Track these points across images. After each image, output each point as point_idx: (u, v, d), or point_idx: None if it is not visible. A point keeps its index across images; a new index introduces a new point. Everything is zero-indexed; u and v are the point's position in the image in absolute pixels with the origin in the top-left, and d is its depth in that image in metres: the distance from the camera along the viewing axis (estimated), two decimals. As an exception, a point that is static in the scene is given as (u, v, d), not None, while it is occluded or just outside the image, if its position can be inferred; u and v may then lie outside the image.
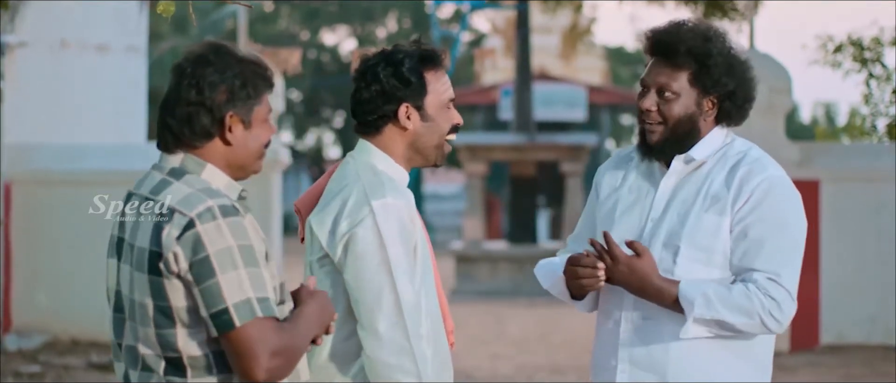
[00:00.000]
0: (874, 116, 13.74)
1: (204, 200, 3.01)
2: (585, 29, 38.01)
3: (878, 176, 12.16)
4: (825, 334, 12.14)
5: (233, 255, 2.97)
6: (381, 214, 3.52)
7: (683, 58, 3.76)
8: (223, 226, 2.98)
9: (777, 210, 3.77)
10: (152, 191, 3.09)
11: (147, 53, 17.49)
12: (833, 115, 49.00)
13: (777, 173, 3.80)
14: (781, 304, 3.73)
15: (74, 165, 12.62)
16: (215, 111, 3.11)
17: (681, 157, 3.80)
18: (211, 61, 3.12)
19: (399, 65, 3.67)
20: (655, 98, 3.78)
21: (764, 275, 3.71)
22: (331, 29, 42.28)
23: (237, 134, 3.13)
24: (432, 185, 46.17)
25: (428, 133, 3.70)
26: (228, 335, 2.95)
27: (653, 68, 3.81)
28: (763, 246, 3.73)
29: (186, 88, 3.11)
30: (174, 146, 3.13)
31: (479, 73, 40.64)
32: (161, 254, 2.99)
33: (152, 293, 3.02)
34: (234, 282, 2.95)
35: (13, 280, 12.44)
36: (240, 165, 3.17)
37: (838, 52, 13.31)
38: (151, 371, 3.05)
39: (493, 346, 13.48)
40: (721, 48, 3.78)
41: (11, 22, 13.65)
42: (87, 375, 11.01)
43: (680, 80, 3.77)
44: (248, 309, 2.95)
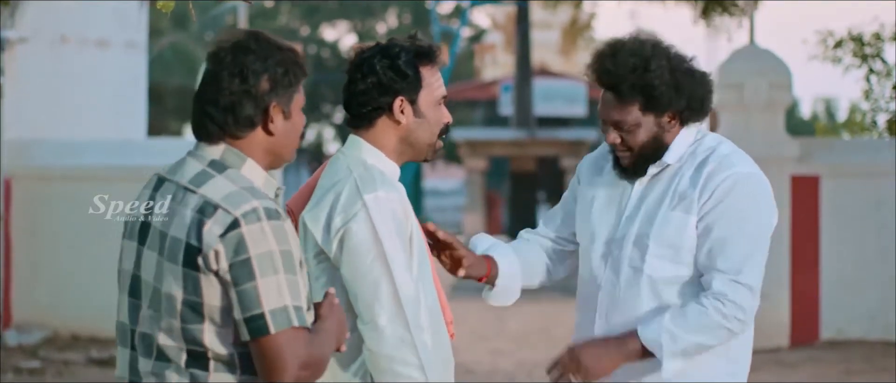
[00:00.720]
0: (874, 112, 13.73)
1: (249, 200, 2.96)
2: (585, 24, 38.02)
3: (879, 171, 12.15)
4: (825, 330, 12.14)
5: (274, 260, 2.92)
6: (374, 207, 3.52)
7: (628, 93, 3.77)
8: (267, 229, 2.93)
9: (738, 206, 3.76)
10: (192, 182, 3.02)
11: (147, 49, 17.49)
12: (833, 111, 49.02)
13: (743, 170, 3.80)
14: (742, 304, 3.74)
15: (74, 161, 12.62)
16: (259, 100, 3.06)
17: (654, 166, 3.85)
18: (252, 49, 3.07)
19: (396, 58, 3.67)
20: (616, 133, 3.82)
21: (724, 278, 3.73)
22: (331, 25, 42.29)
23: (278, 123, 3.10)
24: (432, 181, 46.17)
25: (419, 128, 3.70)
26: (260, 340, 2.91)
27: (604, 105, 3.84)
28: (725, 244, 3.75)
29: (228, 77, 3.04)
30: (216, 136, 3.06)
31: (480, 68, 40.67)
32: (200, 249, 2.94)
33: (185, 286, 2.97)
34: (273, 287, 2.91)
35: (13, 275, 12.44)
36: (278, 154, 3.13)
37: (839, 48, 13.31)
38: (169, 361, 3.01)
39: (493, 342, 13.48)
40: (662, 72, 3.76)
41: (11, 17, 13.64)
42: (87, 371, 11.01)
43: (632, 112, 3.80)
44: (284, 317, 2.91)
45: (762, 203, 3.80)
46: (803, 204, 12.11)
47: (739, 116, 12.23)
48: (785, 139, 12.26)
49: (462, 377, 11.17)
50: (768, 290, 12.05)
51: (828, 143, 13.07)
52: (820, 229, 12.11)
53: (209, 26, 35.53)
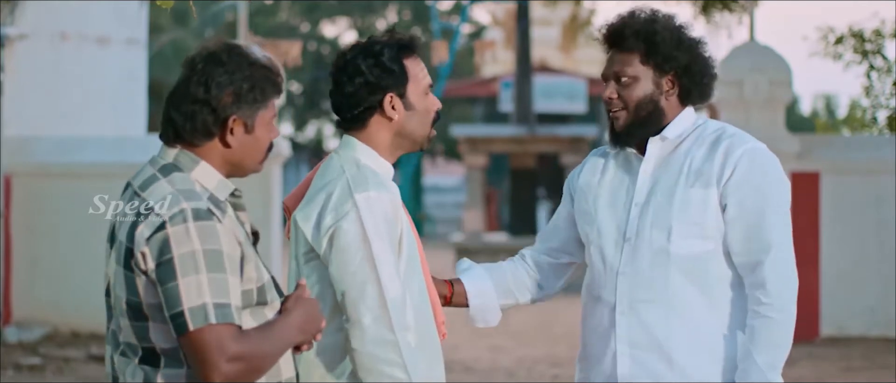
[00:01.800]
0: (875, 108, 13.74)
1: (179, 202, 3.03)
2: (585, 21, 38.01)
3: (879, 168, 12.16)
4: (825, 326, 12.15)
5: (196, 259, 2.99)
6: (365, 208, 3.53)
7: (631, 40, 3.82)
8: (192, 230, 3.00)
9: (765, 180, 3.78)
10: (140, 187, 3.12)
11: (147, 46, 17.49)
12: (833, 107, 49.03)
13: (758, 145, 3.83)
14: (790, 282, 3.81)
15: (74, 158, 12.62)
16: (219, 112, 3.11)
17: (656, 139, 3.84)
18: (223, 61, 3.12)
19: (379, 55, 3.67)
20: (615, 86, 3.85)
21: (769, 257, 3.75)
22: (331, 21, 42.30)
23: (238, 136, 3.14)
24: (432, 178, 46.17)
25: (411, 120, 3.70)
26: (184, 338, 2.98)
27: (608, 60, 3.89)
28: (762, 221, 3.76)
29: (195, 85, 3.11)
30: (174, 140, 3.14)
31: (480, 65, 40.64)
32: (132, 250, 3.04)
33: (126, 287, 3.07)
34: (192, 286, 2.98)
35: (13, 272, 12.45)
36: (237, 165, 3.19)
37: (839, 44, 13.31)
38: (128, 358, 3.10)
39: (493, 338, 13.48)
40: (667, 25, 3.84)
41: (11, 14, 13.64)
42: (87, 367, 11.02)
43: (633, 63, 3.83)
44: (201, 315, 2.97)
45: (781, 175, 3.84)
46: (803, 200, 12.11)
47: (739, 113, 12.23)
48: (785, 136, 12.26)
49: (462, 374, 11.16)
50: (768, 287, 12.08)
51: (828, 140, 13.08)
52: (820, 226, 12.11)
53: (209, 23, 35.53)
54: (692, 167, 3.79)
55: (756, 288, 3.76)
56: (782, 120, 12.43)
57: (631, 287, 3.81)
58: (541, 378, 10.99)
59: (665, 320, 3.78)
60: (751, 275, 3.77)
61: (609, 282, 3.85)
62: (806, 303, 12.12)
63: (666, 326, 3.78)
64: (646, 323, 3.79)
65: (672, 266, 3.77)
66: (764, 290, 3.75)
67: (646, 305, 3.79)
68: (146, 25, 17.07)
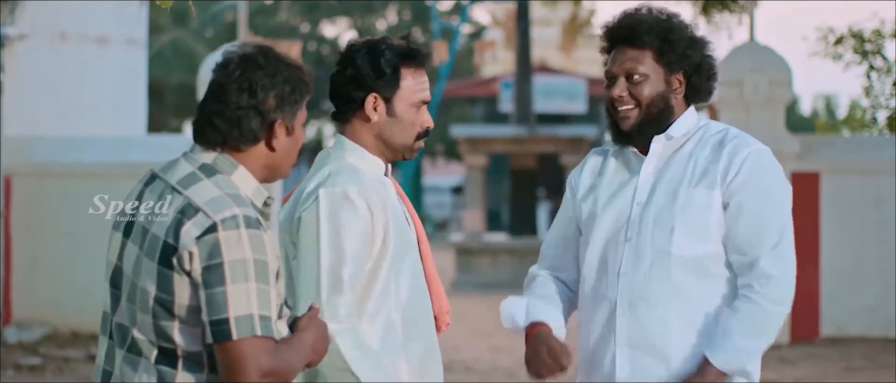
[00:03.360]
0: (874, 108, 13.75)
1: (231, 206, 3.00)
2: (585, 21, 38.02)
3: (879, 168, 12.16)
4: (825, 326, 12.15)
5: (246, 268, 2.96)
6: (325, 200, 3.57)
7: (646, 37, 3.79)
8: (244, 237, 2.97)
9: (768, 181, 3.76)
10: (180, 183, 3.07)
11: (147, 46, 17.49)
12: (833, 108, 49.03)
13: (761, 147, 3.81)
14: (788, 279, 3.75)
15: (74, 158, 12.62)
16: (265, 116, 3.10)
17: (660, 137, 3.81)
18: (261, 64, 3.11)
19: (378, 55, 3.70)
20: (625, 84, 3.80)
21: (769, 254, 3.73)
22: (331, 21, 42.30)
23: (281, 140, 3.13)
24: (432, 178, 46.17)
25: (392, 128, 3.71)
26: (223, 345, 2.95)
27: (617, 56, 3.83)
28: (763, 219, 3.74)
29: (237, 90, 3.08)
30: (216, 144, 3.11)
31: (479, 65, 40.67)
32: (176, 248, 2.98)
33: (158, 283, 3.01)
34: (241, 294, 2.95)
35: (13, 272, 12.45)
36: (276, 169, 3.18)
37: (839, 44, 13.32)
38: (140, 355, 3.05)
39: (493, 338, 13.48)
40: (679, 23, 3.82)
41: (11, 14, 13.65)
42: (88, 367, 11.02)
43: (646, 60, 3.80)
44: (248, 325, 2.95)
45: (783, 177, 3.83)
46: (803, 200, 12.11)
47: (739, 113, 12.24)
48: (785, 136, 12.26)
49: (462, 374, 11.17)
50: (768, 287, 12.08)
51: (828, 140, 13.08)
52: (820, 226, 12.11)
53: (209, 23, 35.54)
54: (696, 168, 3.76)
55: (753, 279, 3.73)
56: (782, 120, 12.44)
57: (632, 288, 3.77)
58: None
59: (665, 322, 3.75)
60: (748, 271, 3.74)
61: (610, 282, 3.82)
62: (806, 303, 12.14)
63: (666, 328, 3.75)
64: (646, 325, 3.76)
65: (673, 267, 3.74)
66: (760, 282, 3.72)
67: (646, 307, 3.76)
68: (146, 25, 17.07)
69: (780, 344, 11.93)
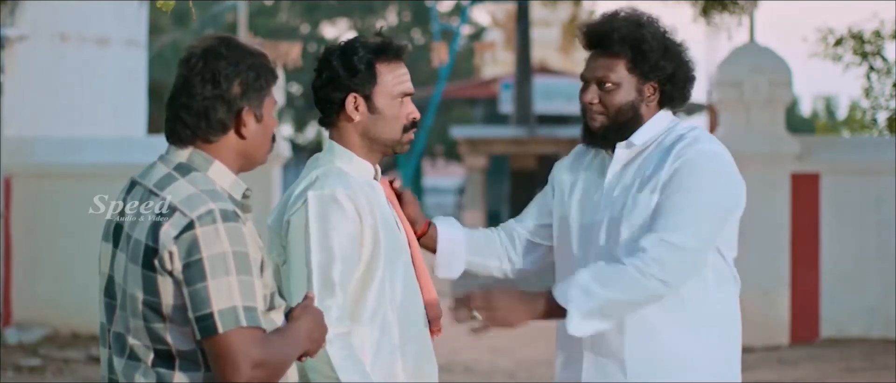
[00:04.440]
0: (874, 109, 13.74)
1: (206, 202, 3.01)
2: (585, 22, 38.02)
3: (879, 169, 12.16)
4: (825, 327, 12.15)
5: (226, 261, 2.97)
6: (313, 203, 3.58)
7: (619, 46, 3.79)
8: (221, 231, 2.98)
9: (692, 179, 3.72)
10: (156, 186, 3.08)
11: (147, 47, 17.50)
12: (833, 109, 49.02)
13: (706, 147, 3.78)
14: (662, 260, 3.65)
15: (74, 158, 12.62)
16: (232, 104, 3.11)
17: (622, 144, 3.83)
18: (223, 54, 3.12)
19: (351, 54, 3.71)
20: (596, 90, 3.83)
21: (653, 236, 3.67)
22: (331, 22, 42.30)
23: (250, 127, 3.14)
24: (432, 178, 46.17)
25: (376, 124, 3.72)
26: (210, 340, 2.95)
27: (590, 62, 3.85)
28: (667, 209, 3.70)
29: (201, 82, 3.10)
30: (188, 140, 3.13)
31: (479, 66, 40.65)
32: (157, 250, 3.00)
33: (144, 287, 3.03)
34: (223, 287, 2.96)
35: (13, 273, 12.44)
36: (250, 157, 3.18)
37: (839, 45, 13.31)
38: (138, 360, 3.06)
39: (492, 339, 13.46)
40: (655, 32, 3.80)
41: (11, 15, 13.65)
42: (87, 368, 11.02)
43: (618, 69, 3.81)
44: (232, 317, 2.95)
45: (719, 178, 3.76)
46: (803, 201, 12.11)
47: (739, 114, 12.23)
48: (785, 137, 12.26)
49: (462, 375, 11.16)
50: (768, 288, 12.07)
51: (828, 141, 13.08)
52: (820, 227, 12.11)
53: (209, 24, 35.54)
54: (646, 173, 3.78)
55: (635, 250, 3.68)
56: (782, 121, 12.43)
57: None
58: (541, 378, 10.99)
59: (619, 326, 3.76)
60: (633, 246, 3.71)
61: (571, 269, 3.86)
62: (806, 304, 12.14)
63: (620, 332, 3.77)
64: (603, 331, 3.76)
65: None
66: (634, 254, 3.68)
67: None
68: (146, 26, 17.08)
69: (779, 345, 11.92)
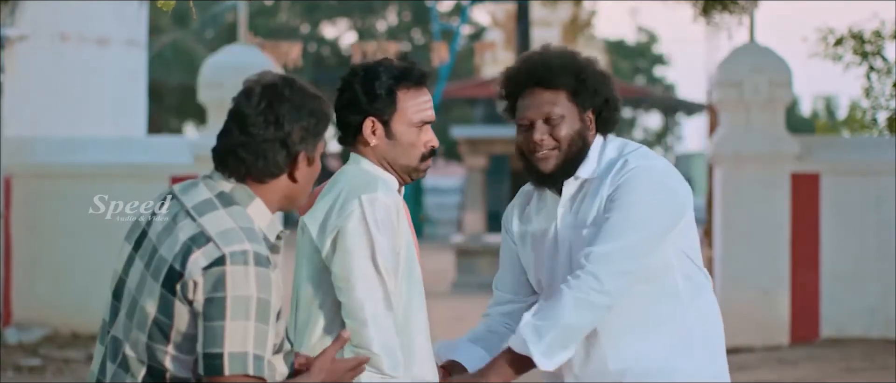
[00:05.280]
0: (874, 109, 13.73)
1: (242, 240, 2.98)
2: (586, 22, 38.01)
3: (879, 169, 12.16)
4: (825, 327, 12.14)
5: (248, 306, 2.94)
6: (369, 207, 3.54)
7: (560, 78, 3.78)
8: (251, 274, 2.95)
9: (627, 197, 3.73)
10: (195, 209, 3.05)
11: (147, 47, 17.50)
12: (833, 109, 49.03)
13: (639, 164, 3.78)
14: (598, 274, 3.67)
15: (74, 159, 12.61)
16: (291, 148, 3.10)
17: (570, 180, 3.83)
18: (287, 97, 3.11)
19: (374, 78, 3.67)
20: (544, 127, 3.79)
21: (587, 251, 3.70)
22: (331, 22, 42.29)
23: (302, 171, 3.14)
24: (433, 179, 46.17)
25: (392, 151, 3.69)
26: (213, 379, 2.94)
27: (531, 102, 3.80)
28: (602, 228, 3.72)
29: (263, 123, 3.08)
30: (240, 176, 3.10)
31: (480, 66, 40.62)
32: (182, 275, 2.97)
33: (159, 306, 3.00)
34: (239, 331, 2.93)
35: (13, 273, 12.44)
36: (294, 200, 3.18)
37: (839, 45, 13.30)
38: (128, 371, 3.04)
39: (493, 339, 13.47)
40: (587, 60, 3.84)
41: (11, 15, 13.65)
42: (87, 368, 11.01)
43: (561, 101, 3.79)
44: (241, 363, 2.93)
45: (653, 187, 3.75)
46: (803, 201, 12.11)
47: (739, 114, 12.23)
48: (785, 137, 12.26)
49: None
50: (768, 288, 12.07)
51: (828, 141, 13.07)
52: (820, 227, 12.11)
53: (209, 24, 35.53)
54: (592, 206, 3.78)
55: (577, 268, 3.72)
56: (782, 121, 12.43)
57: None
58: (541, 379, 10.97)
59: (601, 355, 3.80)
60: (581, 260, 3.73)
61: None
62: (806, 304, 12.14)
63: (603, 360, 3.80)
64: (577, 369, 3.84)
65: None
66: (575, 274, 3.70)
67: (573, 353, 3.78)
68: (146, 26, 17.08)
69: (779, 345, 11.92)
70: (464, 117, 40.21)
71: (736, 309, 11.18)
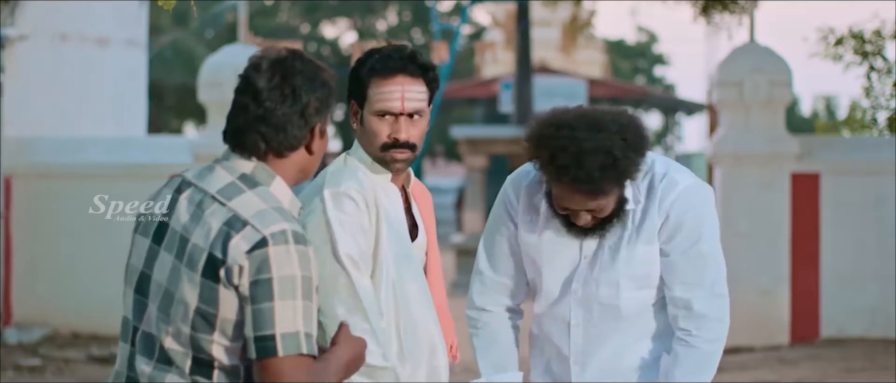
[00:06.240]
0: (875, 109, 13.72)
1: (279, 221, 2.98)
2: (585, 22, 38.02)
3: (879, 169, 12.16)
4: (825, 327, 12.14)
5: (295, 284, 2.94)
6: (330, 202, 3.58)
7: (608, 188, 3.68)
8: (293, 253, 2.95)
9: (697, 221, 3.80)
10: (221, 193, 3.04)
11: (147, 47, 17.49)
12: (833, 108, 49.02)
13: (687, 182, 3.81)
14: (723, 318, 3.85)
15: (74, 158, 12.62)
16: (308, 120, 3.10)
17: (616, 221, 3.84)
18: (299, 69, 3.11)
19: (361, 65, 3.72)
20: (588, 216, 3.75)
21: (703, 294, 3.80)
22: (331, 22, 42.29)
23: (317, 142, 3.14)
24: (433, 179, 46.17)
25: (362, 137, 3.74)
26: (266, 361, 2.93)
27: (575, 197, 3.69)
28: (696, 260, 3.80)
29: (280, 96, 3.07)
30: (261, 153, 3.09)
31: (480, 66, 40.63)
32: (224, 261, 2.96)
33: (201, 296, 2.99)
34: (288, 311, 2.93)
35: (13, 273, 12.44)
36: (307, 172, 3.18)
37: (839, 45, 13.29)
38: (171, 364, 3.02)
39: (493, 339, 13.47)
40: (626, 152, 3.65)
41: (11, 15, 13.64)
42: (88, 368, 11.01)
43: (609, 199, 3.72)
44: (294, 343, 2.93)
45: (712, 210, 3.85)
46: (803, 201, 12.11)
47: (739, 114, 12.23)
48: (785, 137, 12.26)
49: (462, 375, 11.15)
50: (768, 288, 12.07)
51: (828, 141, 13.07)
52: (820, 227, 12.10)
53: (209, 24, 35.54)
54: (635, 223, 3.79)
55: (687, 321, 3.80)
56: (782, 121, 12.43)
57: (585, 339, 3.86)
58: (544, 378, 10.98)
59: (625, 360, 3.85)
60: (685, 312, 3.80)
61: (561, 331, 3.89)
62: (806, 304, 12.14)
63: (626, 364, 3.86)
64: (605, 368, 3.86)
65: (623, 319, 3.83)
66: (696, 323, 3.79)
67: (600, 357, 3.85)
68: (146, 26, 17.07)
69: (779, 345, 11.92)
70: (464, 117, 40.21)
71: (736, 309, 11.13)
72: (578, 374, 3.87)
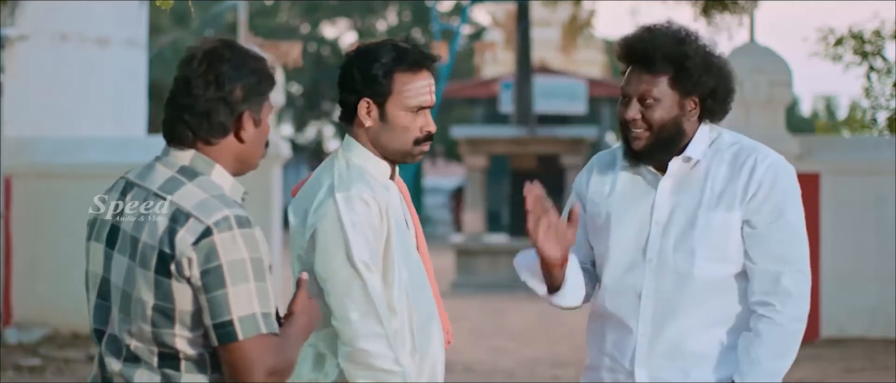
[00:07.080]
0: (874, 109, 13.74)
1: (221, 208, 3.02)
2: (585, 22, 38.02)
3: (879, 169, 12.16)
4: (826, 328, 12.14)
5: (245, 268, 2.98)
6: (343, 206, 3.56)
7: (661, 63, 3.72)
8: (238, 237, 2.99)
9: (787, 195, 3.87)
10: (162, 189, 3.08)
11: (147, 47, 17.49)
12: (833, 109, 49.04)
13: (776, 157, 3.87)
14: (806, 295, 3.82)
15: (74, 158, 12.62)
16: (233, 107, 3.12)
17: (678, 158, 3.77)
18: (226, 57, 3.14)
19: (373, 60, 3.66)
20: (638, 106, 3.74)
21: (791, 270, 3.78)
22: (331, 22, 42.30)
23: (249, 131, 3.15)
24: (433, 179, 46.18)
25: (384, 133, 3.68)
26: (228, 347, 2.97)
27: (631, 77, 3.76)
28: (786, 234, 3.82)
29: (203, 84, 3.11)
30: (188, 141, 3.13)
31: (480, 66, 40.65)
32: (173, 255, 3.00)
33: (157, 292, 3.03)
34: (242, 295, 2.97)
35: (13, 273, 12.45)
36: (246, 161, 3.19)
37: (839, 45, 13.31)
38: (139, 361, 3.07)
39: (493, 339, 13.48)
40: (696, 48, 3.75)
41: (11, 15, 13.65)
42: (87, 368, 11.02)
43: (660, 85, 3.73)
44: (252, 324, 2.97)
45: (797, 187, 3.91)
46: (803, 201, 12.04)
47: (739, 114, 12.24)
48: (785, 137, 12.26)
49: (462, 375, 11.16)
50: (768, 288, 12.08)
51: (828, 141, 13.08)
52: (820, 227, 12.11)
53: (209, 24, 35.54)
54: (714, 189, 3.74)
55: (771, 296, 3.74)
56: (782, 121, 12.44)
57: (655, 310, 3.74)
58: (541, 379, 10.99)
59: (689, 344, 3.74)
60: (769, 286, 3.74)
61: (629, 303, 3.77)
62: (806, 304, 12.14)
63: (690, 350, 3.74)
64: (669, 348, 3.74)
65: (697, 289, 3.72)
66: (780, 299, 3.74)
67: (671, 329, 3.74)
68: (146, 26, 17.08)
69: (780, 344, 11.92)
70: (464, 117, 40.20)
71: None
72: (644, 352, 3.74)
